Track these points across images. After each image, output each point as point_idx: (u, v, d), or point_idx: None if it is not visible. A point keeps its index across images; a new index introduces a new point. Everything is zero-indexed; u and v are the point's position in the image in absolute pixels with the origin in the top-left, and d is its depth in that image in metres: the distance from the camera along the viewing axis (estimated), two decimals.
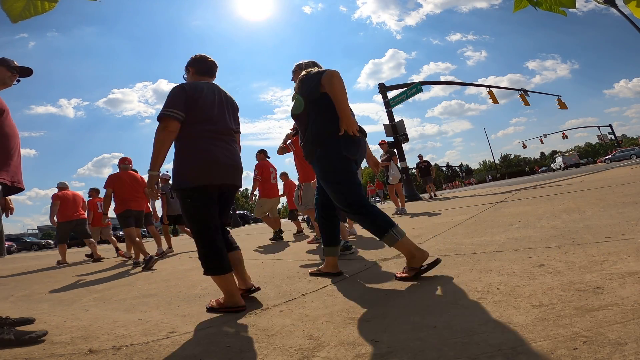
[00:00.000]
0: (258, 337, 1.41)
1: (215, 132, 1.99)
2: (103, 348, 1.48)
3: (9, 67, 1.99)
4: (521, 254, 2.03)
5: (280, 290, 2.18)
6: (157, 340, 1.52)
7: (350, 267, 2.52)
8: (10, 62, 2.00)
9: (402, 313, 1.43)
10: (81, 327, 1.85)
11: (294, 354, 1.21)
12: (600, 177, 7.41)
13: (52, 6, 1.14)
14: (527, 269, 1.73)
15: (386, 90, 13.89)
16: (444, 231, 3.48)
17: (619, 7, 12.80)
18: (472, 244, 2.58)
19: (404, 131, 12.93)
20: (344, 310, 1.59)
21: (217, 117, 2.02)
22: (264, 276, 2.70)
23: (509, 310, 1.26)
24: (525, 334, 1.06)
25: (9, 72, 1.99)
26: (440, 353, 1.04)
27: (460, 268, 1.98)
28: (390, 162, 7.22)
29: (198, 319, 1.79)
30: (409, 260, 1.93)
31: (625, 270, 1.44)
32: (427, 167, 11.71)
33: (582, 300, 1.23)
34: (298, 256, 3.53)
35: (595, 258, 1.69)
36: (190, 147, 1.92)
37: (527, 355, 0.94)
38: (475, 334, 1.12)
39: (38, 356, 1.46)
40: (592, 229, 2.36)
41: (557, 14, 1.31)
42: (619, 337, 0.93)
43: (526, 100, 17.72)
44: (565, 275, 1.53)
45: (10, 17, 1.09)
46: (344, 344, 1.22)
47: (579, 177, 9.03)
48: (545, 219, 3.11)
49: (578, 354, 0.90)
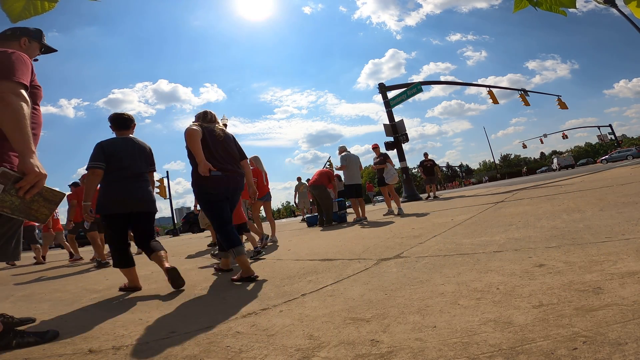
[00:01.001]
0: (258, 337, 1.41)
1: (127, 176, 2.73)
2: (103, 348, 1.48)
3: (41, 43, 1.87)
4: (521, 254, 2.03)
5: (280, 290, 2.17)
6: (157, 340, 1.52)
7: (351, 267, 2.52)
8: (44, 38, 1.89)
9: (402, 313, 1.43)
10: (81, 327, 1.85)
11: (294, 354, 1.21)
12: (600, 177, 7.41)
13: (51, 6, 1.14)
14: (527, 269, 1.73)
15: (386, 90, 13.90)
16: (444, 231, 3.48)
17: (619, 7, 12.80)
18: (472, 244, 2.58)
19: (404, 131, 12.94)
20: (344, 310, 1.59)
21: (128, 164, 2.74)
22: (264, 276, 2.70)
23: (509, 310, 1.26)
24: (525, 334, 1.06)
25: (38, 51, 1.87)
26: (440, 353, 1.04)
27: (460, 268, 1.98)
28: (385, 164, 7.23)
29: (198, 319, 1.79)
30: (243, 271, 2.62)
31: (625, 270, 1.44)
32: (432, 165, 11.58)
33: (582, 300, 1.23)
34: (298, 256, 3.53)
35: (595, 258, 1.69)
36: (107, 186, 2.71)
37: (527, 355, 0.94)
38: (475, 334, 1.12)
39: (38, 356, 1.46)
40: (592, 229, 2.36)
41: (557, 14, 1.31)
42: (619, 337, 0.93)
43: (526, 100, 17.73)
44: (565, 275, 1.53)
45: (10, 17, 1.10)
46: (344, 344, 1.22)
47: (579, 177, 9.03)
48: (545, 219, 3.11)
49: (578, 354, 0.90)
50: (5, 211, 1.31)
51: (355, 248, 3.40)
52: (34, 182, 1.36)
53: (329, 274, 2.44)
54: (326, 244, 4.13)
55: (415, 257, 2.49)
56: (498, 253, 2.17)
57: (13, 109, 1.37)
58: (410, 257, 2.52)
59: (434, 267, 2.11)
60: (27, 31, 1.83)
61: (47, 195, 1.42)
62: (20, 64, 1.50)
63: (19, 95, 1.42)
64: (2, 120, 1.37)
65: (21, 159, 1.35)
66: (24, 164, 1.35)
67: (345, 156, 7.08)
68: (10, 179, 1.31)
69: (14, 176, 1.32)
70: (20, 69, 1.48)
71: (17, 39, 1.78)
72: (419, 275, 1.99)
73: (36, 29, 1.86)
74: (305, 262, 3.10)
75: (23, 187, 1.34)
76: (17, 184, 1.33)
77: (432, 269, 2.08)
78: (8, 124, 1.37)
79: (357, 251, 3.20)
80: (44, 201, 1.41)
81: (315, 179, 7.41)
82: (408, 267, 2.24)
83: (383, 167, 7.24)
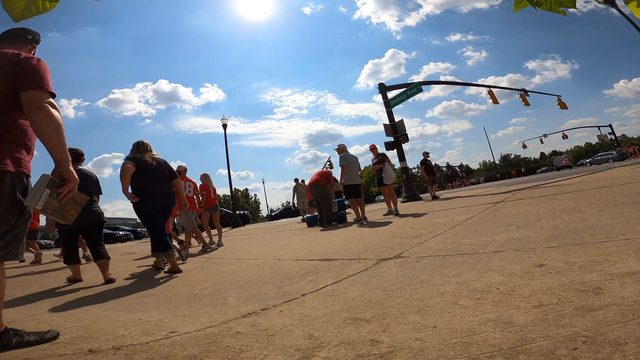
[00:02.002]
0: (258, 337, 1.41)
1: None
2: (103, 348, 1.48)
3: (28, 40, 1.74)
4: (521, 254, 2.03)
5: (280, 290, 2.18)
6: (157, 340, 1.52)
7: (351, 267, 2.52)
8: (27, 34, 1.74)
9: (402, 313, 1.43)
10: (81, 327, 1.85)
11: (294, 354, 1.21)
12: (600, 177, 7.41)
13: (53, 5, 1.14)
14: (527, 269, 1.73)
15: (386, 90, 13.89)
16: (444, 231, 3.48)
17: (619, 7, 12.80)
18: (472, 244, 2.58)
19: (404, 131, 12.93)
20: (344, 310, 1.59)
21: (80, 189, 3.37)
22: (264, 276, 2.70)
23: (509, 310, 1.26)
24: (525, 334, 1.06)
25: (27, 47, 1.74)
26: (440, 353, 1.04)
27: (460, 268, 1.98)
28: (384, 164, 7.30)
29: (198, 319, 1.79)
30: (172, 266, 3.54)
31: (625, 270, 1.44)
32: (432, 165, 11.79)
33: (582, 300, 1.23)
34: (298, 256, 3.53)
35: (595, 258, 1.69)
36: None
37: (527, 355, 0.94)
38: (475, 334, 1.12)
39: (38, 356, 1.46)
40: (592, 229, 2.36)
41: (557, 14, 1.31)
42: (619, 337, 0.93)
43: (526, 100, 17.72)
44: (565, 275, 1.53)
45: (12, 17, 1.09)
46: (344, 344, 1.22)
47: (579, 177, 9.04)
48: (545, 219, 3.12)
49: (578, 354, 0.90)
50: (47, 212, 1.47)
51: (355, 248, 3.40)
52: (73, 188, 1.51)
53: (329, 274, 2.44)
54: (326, 244, 4.13)
55: (415, 257, 2.49)
56: (498, 253, 2.17)
57: (54, 120, 1.46)
58: (410, 257, 2.52)
59: (434, 267, 2.11)
60: (39, 39, 1.83)
61: (77, 199, 1.59)
62: (48, 72, 1.56)
63: (54, 105, 1.50)
64: (45, 130, 1.45)
65: (63, 167, 1.48)
66: (67, 172, 1.48)
67: (344, 156, 7.08)
68: (54, 185, 1.46)
69: (57, 182, 1.47)
70: (49, 77, 1.55)
71: (31, 43, 1.77)
72: (419, 275, 1.99)
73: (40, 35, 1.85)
74: (305, 262, 3.10)
75: (63, 191, 1.48)
76: (58, 189, 1.47)
77: (432, 269, 2.08)
78: (50, 135, 1.46)
79: (357, 251, 3.20)
80: (74, 204, 1.57)
81: (315, 179, 7.42)
82: (408, 267, 2.24)
83: (381, 166, 7.27)
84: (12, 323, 1.69)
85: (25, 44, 1.74)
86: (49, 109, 1.46)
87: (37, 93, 1.46)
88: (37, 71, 1.50)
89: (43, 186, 1.42)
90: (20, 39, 1.72)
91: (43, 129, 1.44)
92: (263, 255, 4.08)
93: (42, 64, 1.55)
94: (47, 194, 1.43)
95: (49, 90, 1.51)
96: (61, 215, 1.52)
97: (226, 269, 3.38)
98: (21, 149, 1.53)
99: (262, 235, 7.41)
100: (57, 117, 1.48)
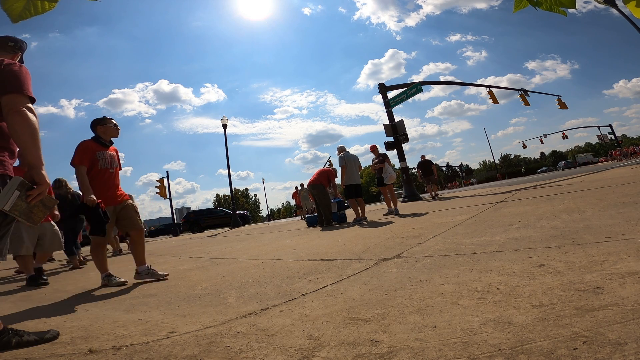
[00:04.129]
0: (258, 337, 1.41)
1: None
2: (103, 348, 1.48)
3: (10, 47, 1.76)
4: (521, 254, 2.03)
5: (280, 290, 2.17)
6: (157, 340, 1.52)
7: (351, 267, 2.52)
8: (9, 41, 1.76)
9: (402, 313, 1.43)
10: (81, 327, 1.85)
11: (294, 354, 1.21)
12: (600, 177, 7.41)
13: (52, 6, 1.14)
14: (527, 269, 1.73)
15: (386, 91, 13.90)
16: (444, 231, 3.48)
17: (619, 7, 12.79)
18: (472, 244, 2.58)
19: (404, 131, 12.94)
20: (344, 310, 1.59)
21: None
22: (264, 276, 2.70)
23: (509, 310, 1.26)
24: (525, 334, 1.06)
25: (10, 54, 1.76)
26: (440, 353, 1.04)
27: (460, 268, 1.98)
28: (384, 164, 7.31)
29: (198, 319, 1.79)
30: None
31: (625, 270, 1.44)
32: (429, 163, 11.98)
33: (582, 300, 1.23)
34: (298, 256, 3.53)
35: (595, 258, 1.69)
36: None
37: (527, 355, 0.94)
38: (475, 334, 1.12)
39: (38, 356, 1.46)
40: (592, 229, 2.36)
41: (557, 14, 1.31)
42: (619, 337, 0.93)
43: (526, 100, 17.73)
44: (565, 275, 1.53)
45: (11, 17, 1.09)
46: (344, 344, 1.22)
47: (579, 177, 9.04)
48: (545, 219, 3.12)
49: (578, 354, 0.90)
50: (15, 214, 1.48)
51: (355, 248, 3.40)
52: (43, 191, 1.51)
53: (329, 274, 2.44)
54: (326, 244, 4.12)
55: (415, 257, 2.49)
56: (498, 253, 2.17)
57: (30, 124, 1.48)
58: (410, 257, 2.52)
59: (434, 267, 2.11)
60: (24, 47, 1.86)
61: (46, 202, 1.59)
62: (29, 78, 1.57)
63: (31, 110, 1.52)
64: (20, 134, 1.47)
65: (35, 171, 1.49)
66: (39, 176, 1.50)
67: (343, 156, 7.08)
68: (25, 187, 1.47)
69: (27, 185, 1.48)
70: (29, 82, 1.56)
71: (14, 51, 1.80)
72: (419, 275, 1.99)
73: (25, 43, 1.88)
74: (305, 262, 3.10)
75: (33, 194, 1.48)
76: (28, 192, 1.48)
77: (432, 269, 2.08)
78: (25, 138, 1.48)
79: (357, 251, 3.20)
80: (42, 206, 1.56)
81: (315, 178, 7.41)
82: (408, 267, 2.24)
83: (382, 166, 7.28)
84: (11, 323, 1.69)
85: (8, 51, 1.77)
86: (26, 113, 1.48)
87: (17, 97, 1.48)
88: (18, 76, 1.52)
89: (13, 188, 1.44)
90: (2, 46, 1.75)
91: (18, 132, 1.47)
92: (263, 255, 4.08)
93: (24, 69, 1.57)
94: (16, 196, 1.44)
95: (29, 94, 1.53)
96: (28, 217, 1.52)
97: (226, 269, 3.38)
98: (4, 152, 1.56)
99: (262, 235, 7.41)
100: (34, 122, 1.49)
